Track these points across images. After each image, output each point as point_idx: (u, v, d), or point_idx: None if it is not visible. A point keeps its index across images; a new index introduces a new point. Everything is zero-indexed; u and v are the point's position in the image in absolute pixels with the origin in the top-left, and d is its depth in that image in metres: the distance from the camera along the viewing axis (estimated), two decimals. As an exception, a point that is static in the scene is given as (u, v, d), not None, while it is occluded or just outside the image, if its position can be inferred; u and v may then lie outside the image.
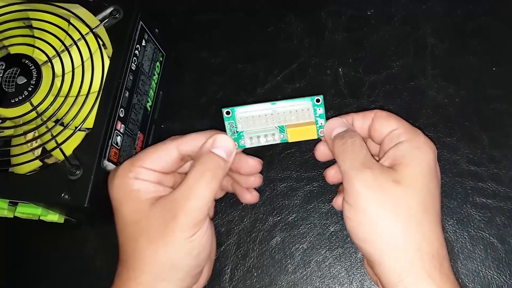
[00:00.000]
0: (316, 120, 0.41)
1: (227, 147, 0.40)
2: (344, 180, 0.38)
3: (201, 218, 0.37)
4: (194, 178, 0.38)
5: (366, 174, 0.37)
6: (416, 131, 0.40)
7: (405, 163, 0.38)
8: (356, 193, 0.37)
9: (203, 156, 0.39)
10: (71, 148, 0.44)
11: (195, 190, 0.37)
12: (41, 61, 0.45)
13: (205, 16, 0.59)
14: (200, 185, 0.38)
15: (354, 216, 0.37)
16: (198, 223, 0.37)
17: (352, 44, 0.56)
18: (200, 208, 0.37)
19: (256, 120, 0.40)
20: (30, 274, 0.52)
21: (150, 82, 0.52)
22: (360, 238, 0.37)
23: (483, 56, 0.54)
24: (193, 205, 0.37)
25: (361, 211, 0.37)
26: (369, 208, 0.37)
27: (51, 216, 0.48)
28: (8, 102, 0.44)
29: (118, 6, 0.48)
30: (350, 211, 0.37)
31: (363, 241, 0.37)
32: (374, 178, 0.37)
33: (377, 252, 0.37)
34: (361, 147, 0.39)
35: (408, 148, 0.39)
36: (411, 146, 0.39)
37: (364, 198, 0.37)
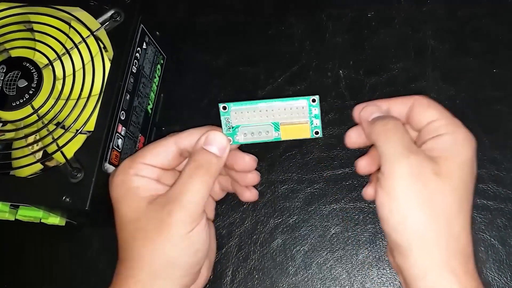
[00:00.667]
0: (311, 120, 0.41)
1: (220, 143, 0.40)
2: (384, 165, 0.37)
3: (197, 214, 0.38)
4: (187, 174, 0.39)
5: (411, 159, 0.36)
6: (457, 123, 0.39)
7: (445, 157, 0.37)
8: (396, 178, 0.36)
9: (196, 153, 0.40)
10: (72, 151, 0.44)
11: (189, 185, 0.38)
12: (42, 64, 0.45)
13: (206, 18, 0.59)
14: (193, 181, 0.38)
15: (388, 203, 0.36)
16: (194, 219, 0.37)
17: (353, 46, 0.56)
18: (195, 203, 0.38)
19: (251, 116, 0.41)
20: (31, 277, 0.52)
21: (151, 84, 0.52)
22: (391, 226, 0.36)
23: (483, 58, 0.54)
24: (188, 200, 0.37)
25: (396, 198, 0.36)
26: (405, 196, 0.36)
27: (52, 219, 0.48)
28: (9, 105, 0.44)
29: (119, 9, 0.48)
30: (384, 197, 0.36)
31: (393, 230, 0.36)
32: (417, 165, 0.36)
33: (404, 244, 0.36)
34: (405, 130, 0.38)
35: (450, 142, 0.38)
36: (453, 140, 0.38)
37: (403, 185, 0.36)
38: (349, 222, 0.51)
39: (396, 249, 0.37)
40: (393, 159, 0.36)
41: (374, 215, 0.50)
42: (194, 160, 0.39)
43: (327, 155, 0.53)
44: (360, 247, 0.50)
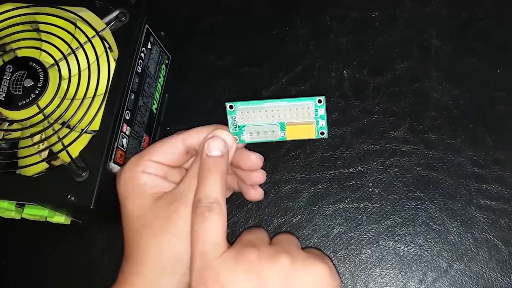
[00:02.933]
0: (317, 120, 0.41)
1: (226, 141, 0.40)
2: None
3: None
4: (193, 172, 0.39)
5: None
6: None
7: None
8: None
9: (203, 151, 0.40)
10: (77, 150, 0.44)
11: (195, 183, 0.38)
12: (48, 64, 0.46)
13: (210, 19, 0.59)
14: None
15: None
16: None
17: (357, 47, 0.56)
18: None
19: (258, 116, 0.41)
20: (37, 275, 0.52)
21: (156, 84, 0.52)
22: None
23: (487, 58, 0.55)
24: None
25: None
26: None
27: (57, 218, 0.48)
28: (15, 104, 0.45)
29: (124, 9, 0.48)
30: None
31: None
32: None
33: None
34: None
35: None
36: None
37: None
38: (352, 222, 0.51)
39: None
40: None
41: (377, 215, 0.51)
42: (200, 158, 0.40)
43: (330, 155, 0.53)
44: (363, 247, 0.50)
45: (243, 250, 0.36)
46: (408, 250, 0.49)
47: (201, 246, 0.36)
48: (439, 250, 0.49)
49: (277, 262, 0.36)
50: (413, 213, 0.50)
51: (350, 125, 0.54)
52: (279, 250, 0.37)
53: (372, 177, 0.52)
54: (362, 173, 0.52)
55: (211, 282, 0.35)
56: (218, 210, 0.37)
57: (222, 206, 0.37)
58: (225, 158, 0.40)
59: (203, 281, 0.35)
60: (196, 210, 0.37)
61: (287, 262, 0.36)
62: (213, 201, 0.37)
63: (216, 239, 0.36)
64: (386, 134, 0.53)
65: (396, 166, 0.52)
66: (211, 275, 0.35)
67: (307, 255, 0.37)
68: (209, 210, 0.37)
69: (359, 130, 0.53)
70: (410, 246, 0.50)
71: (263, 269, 0.35)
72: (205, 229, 0.36)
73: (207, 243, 0.36)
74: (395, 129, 0.53)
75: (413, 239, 0.50)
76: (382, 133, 0.53)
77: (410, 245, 0.50)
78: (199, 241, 0.36)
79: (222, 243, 0.37)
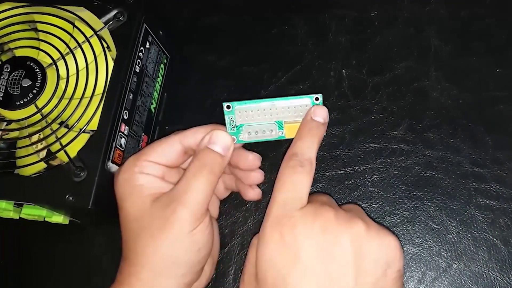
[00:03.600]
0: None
1: (224, 142, 0.40)
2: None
3: (201, 213, 0.38)
4: (192, 173, 0.39)
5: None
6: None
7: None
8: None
9: (200, 152, 0.40)
10: (75, 150, 0.44)
11: (193, 184, 0.38)
12: (46, 64, 0.46)
13: (209, 19, 0.59)
14: (197, 179, 0.38)
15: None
16: (198, 218, 0.38)
17: (356, 46, 0.56)
18: (198, 202, 0.38)
19: (255, 115, 0.41)
20: (35, 275, 0.52)
21: (154, 84, 0.52)
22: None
23: (486, 57, 0.54)
24: (192, 199, 0.38)
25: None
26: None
27: (56, 218, 0.48)
28: (13, 104, 0.45)
29: (122, 9, 0.48)
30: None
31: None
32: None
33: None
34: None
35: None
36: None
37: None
38: (352, 221, 0.51)
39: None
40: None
41: (376, 215, 0.51)
42: (198, 158, 0.40)
43: (329, 155, 0.53)
44: (363, 247, 0.50)
45: (321, 207, 0.37)
46: (407, 250, 0.49)
47: (284, 194, 0.37)
48: (438, 250, 0.49)
49: (353, 226, 0.36)
50: (412, 212, 0.50)
51: (349, 124, 0.53)
52: (354, 215, 0.37)
53: (371, 177, 0.52)
54: (361, 172, 0.52)
55: (287, 230, 0.36)
56: (309, 168, 0.38)
57: (313, 166, 0.39)
58: (325, 127, 0.41)
59: (279, 227, 0.36)
60: (288, 162, 0.38)
61: (363, 228, 0.36)
62: (307, 159, 0.39)
63: (300, 193, 0.37)
64: (385, 133, 0.53)
65: (395, 165, 0.52)
66: (288, 224, 0.36)
67: (380, 226, 0.38)
68: (301, 166, 0.38)
69: (358, 130, 0.53)
70: (409, 246, 0.49)
71: (339, 230, 0.36)
72: (292, 181, 0.38)
73: (291, 193, 0.37)
74: (394, 128, 0.53)
75: (412, 238, 0.50)
76: (381, 133, 0.53)
77: (409, 245, 0.49)
78: (283, 189, 0.38)
79: (305, 198, 0.38)
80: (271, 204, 0.37)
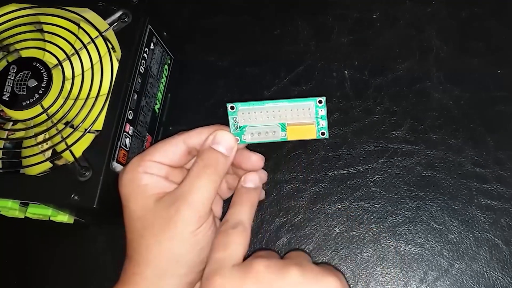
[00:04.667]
0: (318, 121, 0.41)
1: (227, 142, 0.40)
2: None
3: (204, 212, 0.38)
4: (195, 173, 0.39)
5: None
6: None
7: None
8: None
9: (204, 152, 0.40)
10: (80, 150, 0.44)
11: (196, 184, 0.38)
12: (51, 64, 0.46)
13: (211, 19, 0.60)
14: (201, 179, 0.39)
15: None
16: (201, 217, 0.38)
17: (358, 47, 0.57)
18: (202, 202, 0.38)
19: (259, 116, 0.41)
20: (40, 273, 0.53)
21: (159, 84, 0.53)
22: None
23: (487, 58, 0.55)
24: (195, 199, 0.38)
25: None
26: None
27: (61, 217, 0.49)
28: (19, 104, 0.45)
29: (127, 10, 0.48)
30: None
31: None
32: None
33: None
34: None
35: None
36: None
37: None
38: (354, 221, 0.51)
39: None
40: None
41: (379, 215, 0.51)
42: (202, 159, 0.40)
43: (332, 155, 0.53)
44: (365, 246, 0.50)
45: (252, 261, 0.37)
46: (409, 250, 0.50)
47: (217, 254, 0.38)
48: (440, 250, 0.49)
49: (286, 274, 0.36)
50: (414, 212, 0.51)
51: (352, 125, 0.54)
52: (289, 262, 0.37)
53: (373, 177, 0.52)
54: (363, 172, 0.52)
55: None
56: (241, 229, 0.39)
57: (246, 228, 0.39)
58: (257, 191, 0.43)
59: (210, 286, 0.36)
60: (220, 228, 0.39)
61: (297, 274, 0.36)
62: (238, 222, 0.39)
63: (233, 252, 0.38)
64: (387, 134, 0.53)
65: (397, 165, 0.52)
66: (218, 282, 0.36)
67: (318, 268, 0.37)
68: (232, 228, 0.39)
69: (360, 130, 0.54)
70: (411, 246, 0.50)
71: (271, 280, 0.35)
72: (224, 242, 0.38)
73: (223, 252, 0.37)
74: (396, 129, 0.53)
75: (414, 238, 0.50)
76: (383, 133, 0.53)
77: (411, 245, 0.50)
78: (216, 249, 0.38)
79: (239, 257, 0.38)
80: (207, 262, 0.38)
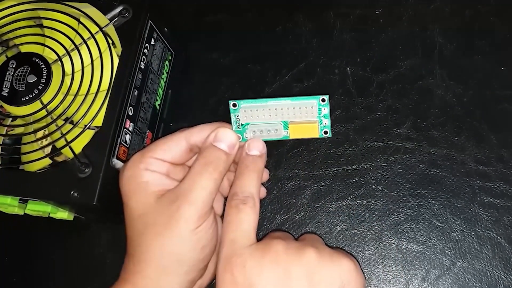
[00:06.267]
0: (320, 119, 0.41)
1: (229, 140, 0.40)
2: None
3: (205, 210, 0.38)
4: (196, 170, 0.39)
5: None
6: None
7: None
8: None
9: (206, 149, 0.40)
10: (80, 146, 0.44)
11: (198, 181, 0.38)
12: (51, 60, 0.46)
13: (213, 16, 0.59)
14: (202, 177, 0.38)
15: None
16: (202, 215, 0.38)
17: (360, 44, 0.56)
18: (203, 200, 0.38)
19: (261, 114, 0.41)
20: (39, 270, 0.52)
21: (159, 81, 0.52)
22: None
23: (491, 56, 0.54)
24: (196, 196, 0.38)
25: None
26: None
27: (60, 214, 0.48)
28: (18, 100, 0.45)
29: (128, 5, 0.48)
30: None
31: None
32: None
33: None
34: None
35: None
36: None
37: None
38: (355, 219, 0.51)
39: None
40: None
41: (380, 213, 0.51)
42: (203, 156, 0.39)
43: (333, 152, 0.53)
44: (366, 244, 0.50)
45: (270, 241, 0.37)
46: (411, 248, 0.49)
47: (232, 234, 0.38)
48: (442, 248, 0.49)
49: (304, 255, 0.36)
50: (416, 210, 0.50)
51: (354, 122, 0.54)
52: (305, 244, 0.38)
53: (375, 174, 0.52)
54: (365, 170, 0.52)
55: (237, 269, 0.36)
56: (252, 204, 0.39)
57: (256, 201, 0.39)
58: (263, 158, 0.42)
59: (230, 267, 0.36)
60: (230, 202, 0.39)
61: (314, 255, 0.36)
62: (248, 195, 0.39)
63: (247, 230, 0.38)
64: (390, 131, 0.53)
65: (400, 163, 0.52)
66: (238, 263, 0.36)
67: (333, 251, 0.38)
68: (243, 203, 0.38)
69: (362, 127, 0.53)
70: (413, 244, 0.49)
71: (289, 261, 0.36)
72: (237, 219, 0.38)
73: (238, 232, 0.38)
74: (398, 126, 0.53)
75: (416, 236, 0.50)
76: (386, 130, 0.53)
77: (413, 243, 0.50)
78: (230, 229, 0.38)
79: (252, 234, 0.38)
80: (221, 246, 0.38)
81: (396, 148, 0.52)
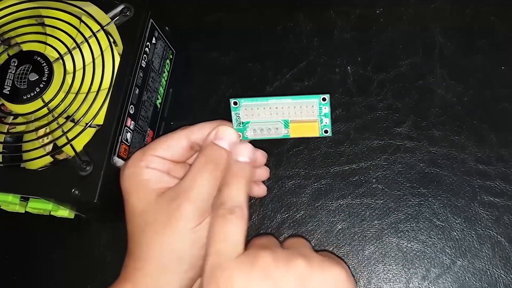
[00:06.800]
0: (321, 118, 0.41)
1: (229, 138, 0.40)
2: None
3: (205, 208, 0.38)
4: (197, 168, 0.39)
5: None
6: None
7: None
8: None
9: (206, 147, 0.40)
10: (81, 144, 0.44)
11: (198, 179, 0.38)
12: (52, 58, 0.46)
13: (214, 16, 0.59)
14: (202, 175, 0.38)
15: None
16: (202, 213, 0.38)
17: (361, 43, 0.56)
18: (203, 198, 0.38)
19: (262, 113, 0.41)
20: (40, 268, 0.52)
21: (160, 79, 0.53)
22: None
23: (491, 55, 0.54)
24: (196, 194, 0.38)
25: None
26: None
27: (61, 212, 0.48)
28: (20, 98, 0.45)
29: (129, 4, 0.48)
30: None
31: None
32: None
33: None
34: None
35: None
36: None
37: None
38: (356, 218, 0.51)
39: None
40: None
41: (381, 211, 0.51)
42: (204, 154, 0.40)
43: (334, 151, 0.53)
44: (366, 243, 0.50)
45: (258, 253, 0.35)
46: (411, 246, 0.49)
47: (218, 245, 0.36)
48: (442, 247, 0.49)
49: (293, 265, 0.35)
50: (417, 209, 0.50)
51: (354, 121, 0.54)
52: (294, 253, 0.36)
53: (375, 173, 0.52)
54: (365, 169, 0.52)
55: (223, 283, 0.34)
56: (240, 214, 0.37)
57: (244, 211, 0.37)
58: (251, 165, 0.40)
59: (215, 280, 0.34)
60: (217, 212, 0.37)
61: (303, 265, 0.35)
62: (236, 205, 0.37)
63: (234, 241, 0.36)
64: (390, 130, 0.53)
65: (400, 162, 0.52)
66: (224, 276, 0.34)
67: (323, 258, 0.36)
68: (230, 213, 0.36)
69: (362, 126, 0.53)
70: (414, 242, 0.50)
71: (279, 273, 0.34)
72: (224, 231, 0.36)
73: (225, 244, 0.36)
74: (399, 125, 0.53)
75: (417, 235, 0.50)
76: (386, 129, 0.53)
77: (414, 241, 0.50)
78: (217, 240, 0.36)
79: (240, 246, 0.36)
80: (206, 256, 0.36)
81: (396, 147, 0.52)
